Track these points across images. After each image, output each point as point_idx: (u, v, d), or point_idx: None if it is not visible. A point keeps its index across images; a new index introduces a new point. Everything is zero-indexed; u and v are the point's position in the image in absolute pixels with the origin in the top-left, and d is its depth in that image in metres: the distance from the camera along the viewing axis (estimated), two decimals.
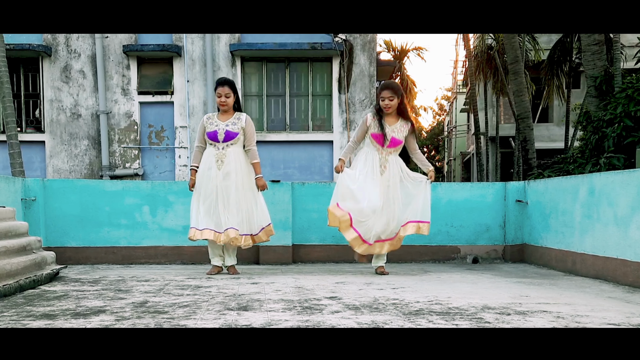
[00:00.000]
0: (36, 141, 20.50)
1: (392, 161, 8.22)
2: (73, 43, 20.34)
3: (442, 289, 6.71)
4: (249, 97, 20.65)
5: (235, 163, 8.06)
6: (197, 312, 5.08)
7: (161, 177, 20.43)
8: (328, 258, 9.76)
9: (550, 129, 35.44)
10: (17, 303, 5.58)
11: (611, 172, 7.50)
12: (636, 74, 13.96)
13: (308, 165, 20.50)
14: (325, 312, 5.08)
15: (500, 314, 5.00)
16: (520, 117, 19.62)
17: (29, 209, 9.18)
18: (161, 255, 9.58)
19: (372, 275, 8.13)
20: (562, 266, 8.61)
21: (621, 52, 20.78)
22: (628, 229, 6.95)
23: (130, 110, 20.42)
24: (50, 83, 20.35)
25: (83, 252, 9.49)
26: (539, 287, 6.84)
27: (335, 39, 20.23)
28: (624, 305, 5.58)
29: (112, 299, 5.82)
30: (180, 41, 20.35)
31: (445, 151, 66.77)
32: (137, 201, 9.56)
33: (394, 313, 5.06)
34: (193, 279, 7.50)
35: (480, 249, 10.04)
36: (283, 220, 9.60)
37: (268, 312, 5.06)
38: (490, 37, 32.78)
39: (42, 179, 9.45)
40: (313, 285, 6.92)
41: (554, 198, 8.92)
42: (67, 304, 5.51)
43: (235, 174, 8.03)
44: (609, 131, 12.48)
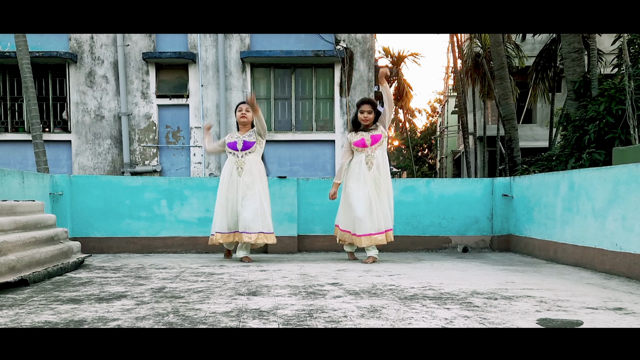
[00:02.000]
0: (63, 140, 20.53)
1: (379, 155, 8.31)
2: (97, 50, 20.35)
3: (435, 275, 6.71)
4: (257, 100, 20.44)
5: (252, 170, 8.30)
6: (210, 297, 5.08)
7: (177, 174, 20.44)
8: (330, 247, 9.76)
9: (533, 129, 35.48)
10: (46, 289, 5.58)
11: (589, 168, 7.50)
12: (612, 79, 14.13)
13: (312, 163, 20.51)
14: (328, 297, 5.08)
15: (488, 299, 5.00)
16: (506, 119, 19.65)
17: (57, 202, 9.19)
18: (177, 245, 9.59)
19: (371, 263, 8.11)
20: (545, 255, 8.60)
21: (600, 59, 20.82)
22: (605, 221, 6.95)
23: (149, 112, 20.43)
24: (76, 87, 20.36)
25: (106, 242, 9.50)
26: (524, 274, 6.84)
27: (336, 47, 20.25)
28: (601, 290, 5.58)
29: (132, 285, 5.82)
30: (195, 49, 20.35)
31: (438, 150, 66.74)
32: (156, 195, 9.57)
33: (390, 298, 5.05)
34: (207, 267, 7.49)
35: (469, 239, 10.03)
36: (289, 212, 9.60)
37: (275, 297, 5.06)
38: (478, 45, 32.84)
39: (68, 175, 9.45)
40: (317, 273, 6.92)
41: (537, 192, 8.91)
42: (92, 290, 5.51)
43: (253, 181, 8.27)
44: (590, 128, 12.58)
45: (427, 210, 9.93)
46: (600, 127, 12.48)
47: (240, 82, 20.49)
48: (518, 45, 30.91)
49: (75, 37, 20.30)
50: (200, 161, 20.40)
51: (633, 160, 8.01)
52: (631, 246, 6.43)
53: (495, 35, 20.10)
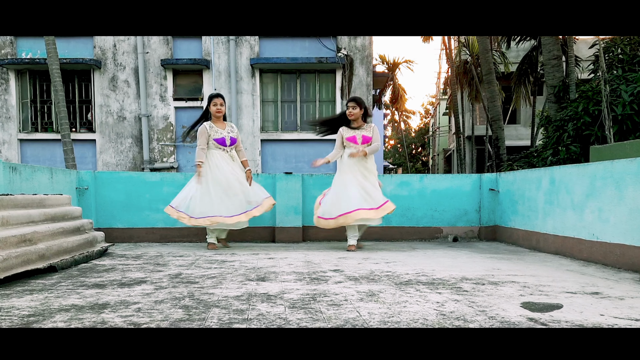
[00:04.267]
0: (88, 139, 20.55)
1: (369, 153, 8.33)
2: (119, 57, 20.37)
3: (428, 263, 6.70)
4: (266, 102, 20.68)
5: (237, 161, 8.55)
6: (222, 282, 5.08)
7: (193, 170, 20.39)
8: (333, 237, 9.74)
9: (517, 129, 35.54)
10: (72, 275, 5.58)
11: (569, 165, 7.49)
12: (589, 84, 14.26)
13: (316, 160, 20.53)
14: (330, 282, 5.08)
15: (476, 284, 4.99)
16: (493, 120, 19.70)
17: (82, 196, 9.19)
18: (193, 235, 9.58)
19: (369, 251, 8.11)
20: (528, 244, 8.60)
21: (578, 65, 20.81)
22: (583, 213, 6.95)
23: (167, 113, 20.44)
24: (100, 91, 20.37)
25: (127, 232, 9.50)
26: (509, 262, 6.83)
27: (338, 54, 20.25)
28: (580, 277, 5.57)
29: (152, 272, 5.82)
30: (209, 56, 20.35)
31: (430, 148, 66.71)
32: (173, 190, 9.55)
33: (387, 283, 5.05)
34: (219, 255, 7.50)
35: (459, 229, 10.02)
36: (295, 205, 9.60)
37: (282, 282, 5.06)
38: (467, 53, 32.89)
39: (93, 171, 9.45)
40: (320, 260, 6.92)
41: (521, 187, 8.90)
42: (114, 276, 5.51)
43: (240, 169, 8.51)
44: (569, 126, 12.67)
45: (421, 203, 9.92)
46: (578, 125, 12.58)
47: (250, 86, 20.49)
48: (503, 53, 30.98)
49: (100, 45, 20.32)
50: None
51: (608, 157, 8.02)
52: (607, 236, 6.43)
53: (484, 43, 20.11)
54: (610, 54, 14.58)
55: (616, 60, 14.18)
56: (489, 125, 25.60)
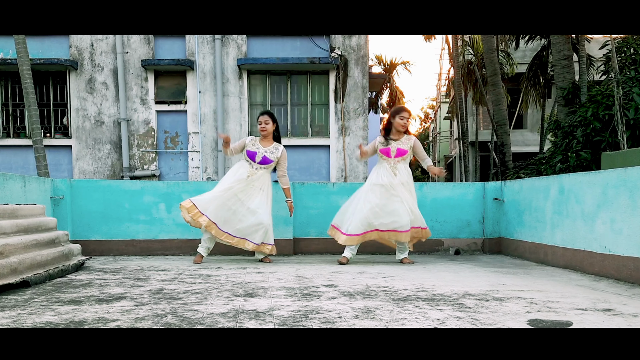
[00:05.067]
0: (64, 145, 20.50)
1: (402, 168, 8.45)
2: (97, 58, 20.33)
3: (428, 277, 6.71)
4: (254, 106, 20.65)
5: (262, 182, 8.46)
6: (208, 298, 5.08)
7: (176, 178, 20.42)
8: (325, 250, 9.75)
9: (524, 134, 35.55)
10: (47, 290, 5.58)
11: (579, 173, 7.52)
12: (597, 87, 14.18)
13: (307, 167, 20.51)
14: (323, 299, 5.08)
15: (480, 300, 5.00)
16: (498, 124, 19.72)
17: (58, 206, 9.18)
18: (175, 248, 9.58)
19: (365, 265, 8.12)
20: (535, 257, 8.61)
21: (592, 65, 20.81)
22: (594, 224, 6.96)
23: (148, 117, 20.41)
24: (76, 93, 20.34)
25: (106, 245, 9.49)
26: (514, 276, 6.84)
27: (331, 54, 20.26)
28: (591, 292, 5.58)
29: (132, 287, 5.82)
30: (193, 56, 20.33)
31: (431, 154, 66.76)
32: (154, 199, 9.56)
33: (384, 299, 5.06)
34: (204, 269, 7.49)
35: (461, 241, 10.04)
36: (285, 216, 9.59)
37: (272, 298, 5.06)
38: (470, 52, 32.87)
39: (69, 179, 9.44)
40: (312, 274, 6.92)
41: (528, 196, 8.92)
42: (92, 291, 5.51)
43: (260, 189, 8.41)
44: (578, 132, 12.65)
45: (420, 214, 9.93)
46: (587, 132, 12.55)
47: (237, 89, 20.47)
48: (509, 54, 30.97)
49: (76, 45, 20.28)
50: (197, 165, 20.40)
51: (621, 164, 8.03)
52: (619, 249, 6.44)
53: (489, 42, 20.13)
54: (623, 54, 14.53)
55: (629, 61, 14.13)
56: (494, 130, 25.63)
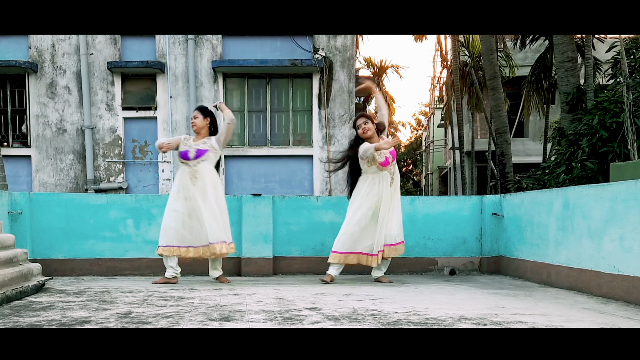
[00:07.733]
0: (22, 155, 20.41)
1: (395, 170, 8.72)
2: (58, 60, 20.27)
3: (420, 300, 6.73)
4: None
5: (208, 175, 8.48)
6: (180, 322, 5.07)
7: (145, 191, 20.36)
8: (309, 270, 9.75)
9: (525, 143, 35.51)
10: (4, 314, 5.56)
11: (585, 185, 7.55)
12: (604, 93, 14.03)
13: (289, 179, 20.50)
14: (305, 323, 5.08)
15: (477, 324, 5.02)
16: (498, 132, 19.66)
17: (16, 222, 9.14)
18: (145, 267, 9.55)
19: (352, 286, 8.14)
20: (537, 278, 8.64)
21: (599, 69, 20.79)
22: (602, 241, 6.98)
23: (114, 125, 20.37)
24: (36, 99, 20.27)
25: (68, 264, 9.46)
26: (515, 298, 6.87)
27: (315, 55, 20.26)
28: (598, 315, 5.61)
29: (96, 310, 5.80)
30: (164, 58, 20.31)
31: (423, 165, 66.85)
32: (121, 214, 9.54)
33: (372, 324, 5.06)
34: (176, 290, 7.48)
35: (457, 260, 10.06)
36: (264, 232, 9.58)
37: (249, 323, 5.06)
38: (466, 53, 32.87)
39: (28, 193, 9.42)
40: (293, 296, 6.92)
41: (529, 211, 8.95)
42: (53, 315, 5.49)
43: (212, 189, 8.45)
44: (583, 142, 12.62)
45: (412, 230, 9.90)
46: (593, 142, 12.50)
47: (212, 94, 20.43)
48: (509, 55, 30.88)
49: (36, 45, 20.21)
50: (169, 177, 20.34)
51: (632, 176, 8.04)
52: (630, 268, 6.45)
53: (488, 42, 20.02)
54: (631, 57, 14.51)
55: (638, 64, 14.14)
56: (492, 139, 25.65)
